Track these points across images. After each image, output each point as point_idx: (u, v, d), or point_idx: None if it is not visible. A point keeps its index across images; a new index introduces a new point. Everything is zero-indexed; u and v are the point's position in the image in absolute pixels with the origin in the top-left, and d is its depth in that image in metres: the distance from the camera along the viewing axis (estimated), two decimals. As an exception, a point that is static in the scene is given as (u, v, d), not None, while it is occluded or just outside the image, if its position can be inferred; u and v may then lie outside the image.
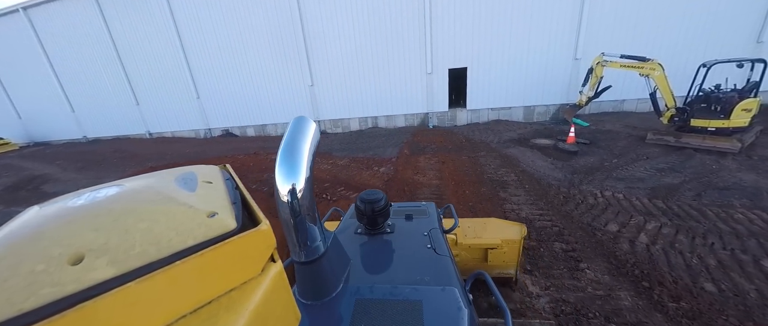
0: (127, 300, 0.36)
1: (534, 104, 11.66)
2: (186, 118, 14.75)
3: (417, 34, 11.33)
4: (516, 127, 10.61)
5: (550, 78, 11.15)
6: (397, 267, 1.25)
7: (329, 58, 12.22)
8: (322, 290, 1.05)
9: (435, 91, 12.09)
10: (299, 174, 0.85)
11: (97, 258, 0.36)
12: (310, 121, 0.94)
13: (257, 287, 0.49)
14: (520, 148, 7.63)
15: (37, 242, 0.37)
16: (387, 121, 13.00)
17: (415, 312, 0.94)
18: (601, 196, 4.63)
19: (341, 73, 12.38)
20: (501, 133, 9.71)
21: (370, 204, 1.45)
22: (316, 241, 0.97)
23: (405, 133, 11.27)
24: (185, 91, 14.04)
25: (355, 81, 12.43)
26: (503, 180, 5.47)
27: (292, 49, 12.30)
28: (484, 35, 11.00)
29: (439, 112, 12.46)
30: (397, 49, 11.67)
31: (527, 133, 9.52)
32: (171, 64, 13.60)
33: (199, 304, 0.42)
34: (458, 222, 1.93)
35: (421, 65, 11.74)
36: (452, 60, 11.52)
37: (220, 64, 13.25)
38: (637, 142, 7.31)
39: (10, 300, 0.31)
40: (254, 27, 12.31)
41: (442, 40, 11.29)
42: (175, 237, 0.42)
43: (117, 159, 11.34)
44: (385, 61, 11.92)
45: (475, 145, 8.31)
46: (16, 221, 0.45)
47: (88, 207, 0.44)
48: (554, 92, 11.32)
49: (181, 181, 0.57)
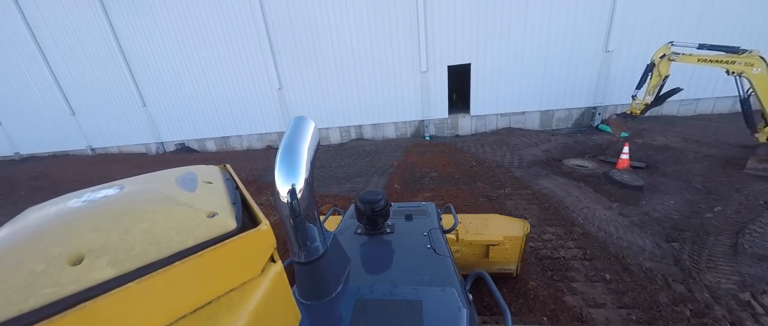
0: (127, 301, 0.36)
1: (553, 108, 9.51)
2: (132, 130, 12.20)
3: (408, 22, 9.03)
4: (534, 137, 8.43)
5: (573, 75, 9.00)
6: (397, 267, 1.25)
7: (300, 53, 9.84)
8: (322, 290, 1.05)
9: (432, 94, 9.84)
10: (299, 174, 0.85)
11: (97, 259, 0.36)
12: (309, 121, 0.94)
13: (257, 287, 0.49)
14: (556, 179, 5.41)
15: (37, 242, 0.37)
16: (374, 130, 10.71)
17: (415, 312, 0.95)
18: (761, 309, 2.45)
19: (316, 72, 10.02)
20: (519, 149, 7.51)
21: (370, 204, 1.45)
22: (315, 241, 0.97)
23: (395, 147, 9.00)
24: (127, 98, 11.47)
25: (333, 82, 10.09)
26: (558, 258, 3.24)
27: (253, 43, 9.87)
28: (491, 23, 8.75)
29: (437, 120, 10.22)
30: (384, 42, 9.36)
31: (553, 148, 7.35)
32: (107, 63, 10.98)
33: (199, 304, 0.42)
34: (458, 222, 1.95)
35: (414, 61, 9.46)
36: (453, 54, 9.26)
37: (168, 65, 10.74)
38: (721, 168, 5.18)
39: (10, 300, 0.31)
40: (206, 19, 9.83)
41: (440, 30, 9.01)
42: (175, 238, 0.42)
43: (28, 189, 8.81)
44: (370, 56, 9.60)
45: (491, 172, 6.08)
46: (16, 221, 0.45)
47: (88, 207, 0.44)
48: (579, 93, 9.18)
49: (181, 181, 0.57)
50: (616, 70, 8.75)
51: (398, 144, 9.42)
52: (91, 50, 10.91)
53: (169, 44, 10.40)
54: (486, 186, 5.32)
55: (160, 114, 11.68)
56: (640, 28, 8.21)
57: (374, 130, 10.71)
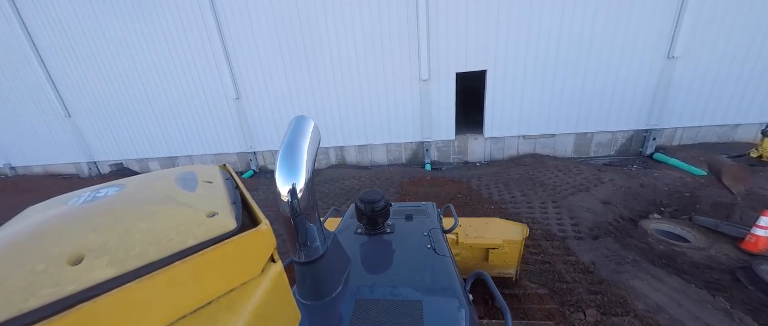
0: (127, 301, 0.36)
1: (592, 131, 7.27)
2: (58, 146, 9.67)
3: (404, 14, 6.76)
4: (575, 172, 6.12)
5: (622, 88, 6.79)
6: (397, 267, 1.25)
7: (262, 54, 7.49)
8: (322, 290, 1.05)
9: (434, 109, 7.55)
10: (299, 174, 0.84)
11: (97, 259, 0.36)
12: (310, 120, 0.95)
13: (257, 287, 0.49)
14: (664, 281, 3.03)
15: (37, 242, 0.37)
16: (359, 154, 8.36)
17: (415, 312, 0.94)
18: None
19: (284, 77, 7.67)
20: (563, 195, 5.16)
21: (370, 204, 1.44)
22: (315, 241, 0.97)
23: (385, 183, 6.65)
24: (45, 105, 8.98)
25: (307, 90, 7.74)
26: None
27: (200, 39, 7.50)
28: (516, 16, 6.52)
29: (441, 142, 7.91)
30: (373, 41, 7.07)
31: (613, 194, 5.03)
32: (17, 60, 8.48)
33: (199, 304, 0.42)
34: (458, 222, 1.92)
35: (412, 66, 7.17)
36: (463, 59, 7.00)
37: (94, 66, 8.28)
38: None
39: (10, 300, 0.31)
40: (140, 11, 7.43)
41: (447, 26, 6.75)
42: (175, 237, 0.42)
43: None
44: (354, 58, 7.29)
45: (539, 250, 3.68)
46: (16, 221, 0.44)
47: (88, 207, 0.44)
48: (627, 112, 6.98)
49: (181, 181, 0.56)
50: (680, 83, 6.56)
51: (390, 176, 7.04)
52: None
53: (93, 40, 7.95)
54: (543, 301, 2.91)
55: (91, 127, 9.17)
56: (718, 27, 6.03)
57: (360, 153, 8.36)
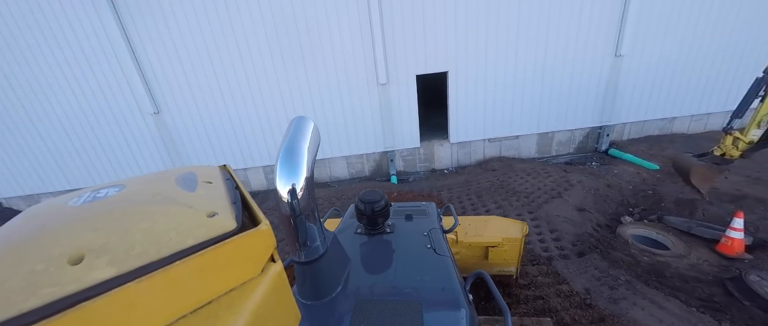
0: (127, 301, 0.35)
1: (553, 130, 7.27)
2: None
3: (355, 14, 6.01)
4: (543, 175, 5.92)
5: (577, 87, 6.85)
6: (397, 267, 1.24)
7: (187, 54, 6.15)
8: (322, 290, 1.04)
9: (396, 115, 6.92)
10: (299, 174, 0.84)
11: (97, 258, 0.36)
12: (309, 121, 0.93)
13: (257, 287, 0.48)
14: (663, 306, 2.73)
15: (37, 242, 0.36)
16: (317, 168, 7.40)
17: (415, 312, 0.94)
18: None
19: (216, 85, 6.41)
20: (538, 203, 4.82)
21: (370, 204, 1.43)
22: (315, 241, 0.96)
23: (348, 201, 5.83)
24: None
25: (247, 99, 6.57)
26: None
27: (98, 41, 5.90)
28: (473, 19, 6.17)
29: (406, 150, 7.32)
30: (322, 42, 6.18)
31: (584, 199, 4.84)
32: None
33: (199, 304, 0.42)
34: (458, 222, 1.91)
35: (368, 70, 6.45)
36: (423, 60, 6.47)
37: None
38: None
39: (10, 300, 0.31)
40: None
41: (403, 26, 6.16)
42: (175, 237, 0.41)
43: None
44: (302, 65, 6.34)
45: (525, 278, 3.25)
46: (16, 221, 0.44)
47: (88, 207, 0.43)
48: (583, 110, 7.09)
49: (181, 181, 0.56)
50: (627, 80, 6.78)
51: (353, 194, 6.23)
52: None
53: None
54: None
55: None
56: (662, 25, 6.31)
57: (317, 169, 7.39)
